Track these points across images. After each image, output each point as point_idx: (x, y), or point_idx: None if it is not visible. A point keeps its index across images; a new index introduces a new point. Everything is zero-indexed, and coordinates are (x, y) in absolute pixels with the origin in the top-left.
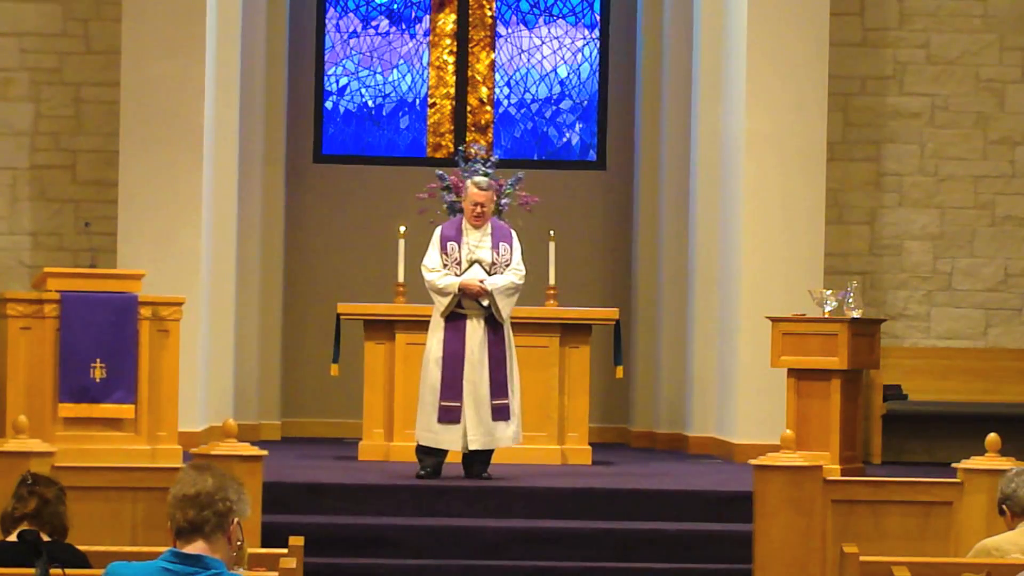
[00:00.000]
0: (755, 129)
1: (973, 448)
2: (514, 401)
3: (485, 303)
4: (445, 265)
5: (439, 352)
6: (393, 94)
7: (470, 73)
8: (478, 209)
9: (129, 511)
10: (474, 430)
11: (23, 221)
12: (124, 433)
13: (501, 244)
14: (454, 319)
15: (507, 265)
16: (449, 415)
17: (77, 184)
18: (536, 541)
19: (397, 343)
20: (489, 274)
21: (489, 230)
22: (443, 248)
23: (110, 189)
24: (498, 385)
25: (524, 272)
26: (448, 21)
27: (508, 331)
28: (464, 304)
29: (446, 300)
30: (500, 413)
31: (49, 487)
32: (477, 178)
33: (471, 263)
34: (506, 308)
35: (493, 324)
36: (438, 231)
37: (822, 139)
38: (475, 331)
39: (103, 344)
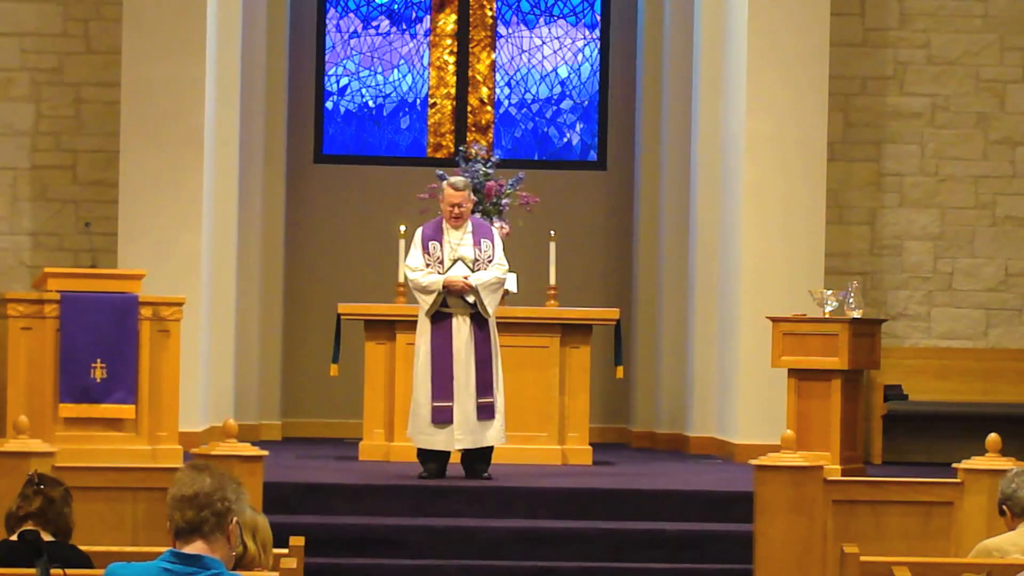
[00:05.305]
0: (755, 129)
1: (973, 448)
2: (498, 399)
3: (471, 300)
4: (428, 264)
5: (428, 353)
6: (393, 94)
7: (471, 73)
8: (456, 210)
9: (129, 511)
10: (460, 429)
11: (23, 221)
12: (124, 433)
13: (483, 241)
14: (440, 318)
15: (490, 261)
16: (442, 415)
17: (77, 184)
18: (536, 541)
19: (397, 343)
20: (472, 271)
21: (470, 228)
22: (425, 248)
23: (110, 189)
24: (484, 383)
25: (507, 266)
26: (448, 21)
27: (493, 328)
28: (449, 302)
29: (431, 298)
30: (485, 412)
31: (55, 488)
32: (453, 179)
33: (454, 261)
34: (491, 304)
35: (479, 322)
36: (419, 231)
37: (822, 139)
38: (461, 329)
39: (103, 344)
